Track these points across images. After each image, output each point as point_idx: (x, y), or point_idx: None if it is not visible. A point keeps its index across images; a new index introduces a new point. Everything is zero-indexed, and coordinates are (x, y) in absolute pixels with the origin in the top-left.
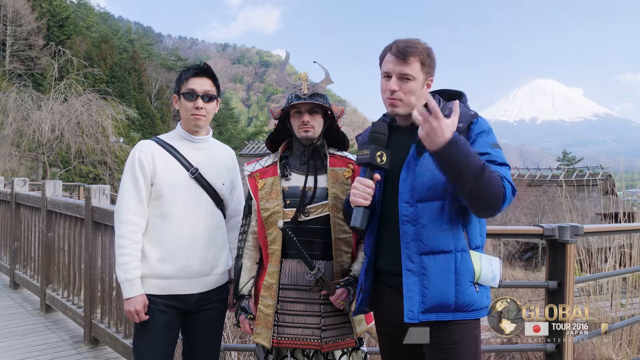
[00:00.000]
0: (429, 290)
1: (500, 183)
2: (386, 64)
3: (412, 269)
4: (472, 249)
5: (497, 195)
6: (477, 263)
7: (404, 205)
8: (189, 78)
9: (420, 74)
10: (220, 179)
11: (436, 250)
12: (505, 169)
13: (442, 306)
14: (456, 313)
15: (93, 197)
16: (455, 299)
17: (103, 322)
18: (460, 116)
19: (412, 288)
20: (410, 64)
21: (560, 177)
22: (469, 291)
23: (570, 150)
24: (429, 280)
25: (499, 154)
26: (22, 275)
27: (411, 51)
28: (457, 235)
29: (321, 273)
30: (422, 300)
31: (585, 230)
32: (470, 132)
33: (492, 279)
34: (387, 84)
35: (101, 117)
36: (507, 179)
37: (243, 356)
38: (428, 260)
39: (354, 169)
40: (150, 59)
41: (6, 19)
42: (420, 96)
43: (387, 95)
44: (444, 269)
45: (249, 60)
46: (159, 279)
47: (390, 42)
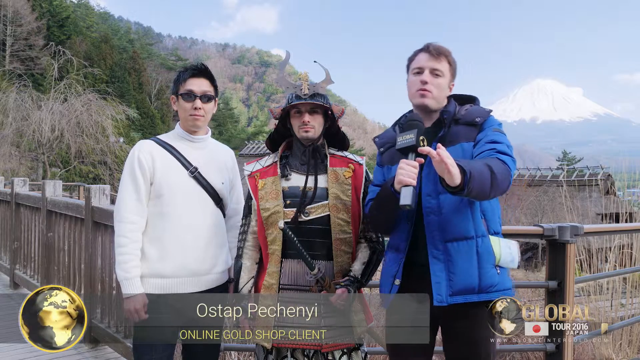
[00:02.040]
0: (455, 274)
1: (506, 170)
2: (418, 61)
3: (437, 256)
4: (491, 234)
5: (507, 181)
6: (496, 247)
7: (427, 199)
8: (186, 79)
9: (448, 73)
10: (220, 178)
11: (459, 237)
12: (502, 145)
13: (468, 289)
14: (480, 294)
15: (93, 197)
16: (479, 282)
17: (103, 322)
18: (477, 113)
19: (438, 274)
20: (441, 62)
21: (560, 177)
22: (491, 273)
23: (570, 150)
24: (454, 265)
25: (503, 138)
26: (22, 275)
27: (443, 51)
28: (477, 222)
29: (321, 273)
30: (449, 284)
31: (585, 230)
32: (484, 125)
33: (512, 260)
34: (419, 78)
35: (101, 117)
36: (507, 152)
37: (243, 356)
38: (452, 246)
39: (354, 169)
40: (150, 59)
41: (6, 19)
42: (445, 95)
43: (417, 87)
44: (468, 253)
45: (248, 60)
46: (158, 278)
47: (422, 46)
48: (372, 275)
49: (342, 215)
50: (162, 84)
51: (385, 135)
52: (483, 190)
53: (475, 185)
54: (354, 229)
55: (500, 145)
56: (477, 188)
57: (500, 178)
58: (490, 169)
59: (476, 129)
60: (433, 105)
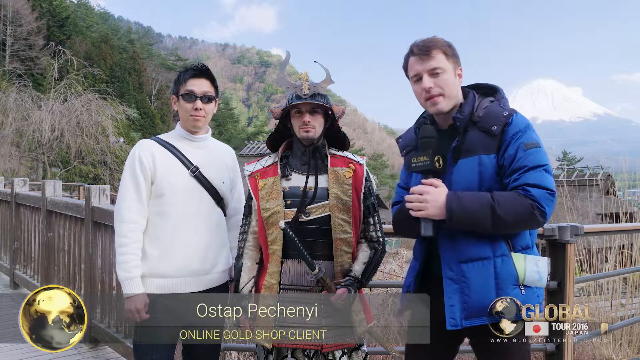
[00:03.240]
0: (470, 297)
1: (520, 202)
2: (412, 68)
3: (452, 277)
4: (517, 251)
5: (523, 215)
6: (520, 265)
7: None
8: (187, 79)
9: (447, 64)
10: (221, 177)
11: (474, 258)
12: (535, 174)
13: (485, 311)
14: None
15: (93, 197)
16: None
17: (103, 322)
18: (494, 118)
19: (452, 296)
20: (434, 57)
21: (561, 177)
22: (513, 294)
23: (570, 150)
24: (469, 287)
25: (530, 156)
26: (22, 275)
27: (431, 45)
28: (495, 241)
29: (322, 273)
30: (463, 307)
31: (585, 230)
32: (505, 136)
33: (539, 279)
34: (420, 85)
35: (101, 117)
36: (541, 185)
37: (243, 356)
38: (467, 267)
39: (355, 169)
40: (150, 59)
41: (6, 19)
42: (455, 87)
43: (424, 96)
44: (484, 275)
45: (249, 60)
46: (159, 277)
47: (408, 49)
48: (373, 275)
49: (343, 215)
50: (162, 84)
51: (407, 137)
52: (478, 225)
53: (458, 224)
54: (355, 229)
55: (531, 176)
56: (467, 221)
57: (509, 219)
58: (491, 205)
59: (495, 140)
60: (448, 106)
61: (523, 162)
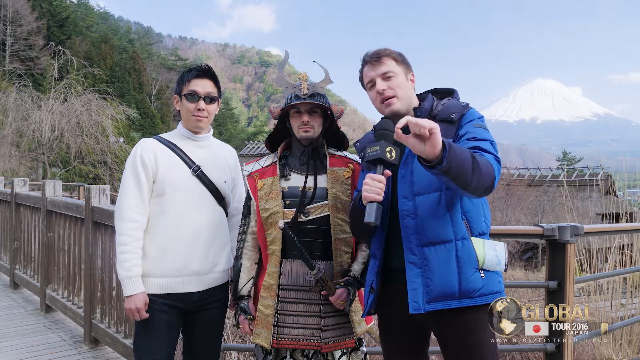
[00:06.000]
0: (432, 280)
1: (489, 165)
2: (366, 76)
3: (414, 262)
4: (475, 236)
5: (490, 177)
6: (480, 249)
7: (404, 201)
8: (190, 79)
9: (398, 68)
10: (222, 176)
11: (436, 241)
12: (485, 143)
13: (447, 295)
14: (462, 300)
15: (93, 197)
16: (460, 287)
17: (103, 322)
18: (453, 107)
19: (415, 280)
20: (385, 63)
21: (561, 177)
22: (474, 278)
23: (570, 150)
24: (431, 270)
25: (480, 131)
26: (22, 275)
27: (382, 52)
28: (457, 224)
29: (321, 273)
30: (425, 290)
31: (585, 230)
32: (461, 122)
33: (497, 263)
34: (375, 89)
35: (101, 117)
36: (490, 151)
37: (243, 356)
38: (429, 251)
39: (354, 168)
40: (150, 59)
41: (6, 19)
42: (408, 89)
43: (379, 99)
44: (445, 258)
45: (248, 60)
46: (159, 277)
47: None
48: None
49: (342, 215)
50: (162, 84)
51: (364, 140)
52: (464, 171)
53: (454, 160)
54: None
55: (483, 143)
56: (456, 166)
57: (483, 169)
58: (472, 155)
59: (453, 126)
60: (402, 107)
61: (473, 134)
